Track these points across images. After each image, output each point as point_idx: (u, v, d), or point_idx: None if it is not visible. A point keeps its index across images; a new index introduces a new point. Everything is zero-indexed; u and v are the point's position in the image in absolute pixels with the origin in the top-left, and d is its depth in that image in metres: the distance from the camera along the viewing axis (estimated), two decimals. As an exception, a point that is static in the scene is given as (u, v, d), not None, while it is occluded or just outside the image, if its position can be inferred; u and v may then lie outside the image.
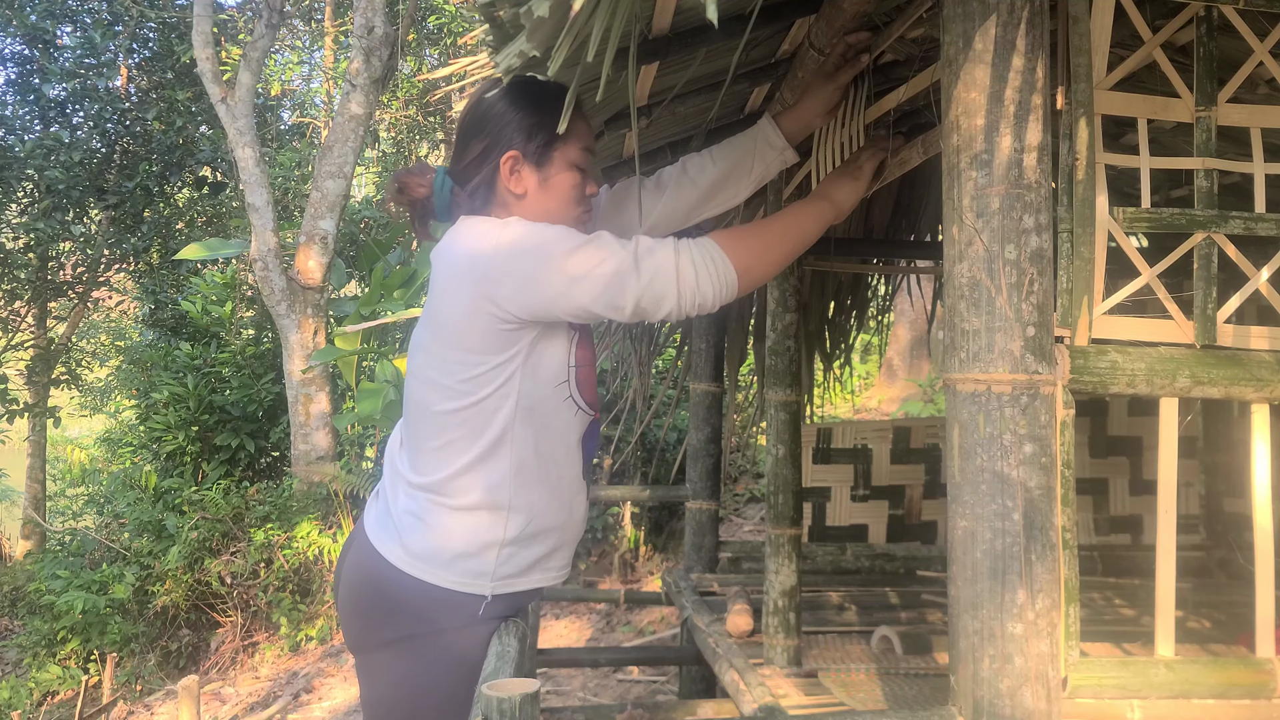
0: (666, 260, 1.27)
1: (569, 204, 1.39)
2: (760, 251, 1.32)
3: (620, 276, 1.25)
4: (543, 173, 1.37)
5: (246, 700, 5.23)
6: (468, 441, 1.33)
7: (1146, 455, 3.77)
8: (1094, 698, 1.29)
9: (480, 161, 1.38)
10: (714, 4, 0.86)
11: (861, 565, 3.65)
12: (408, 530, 1.36)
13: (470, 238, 1.32)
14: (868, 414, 9.25)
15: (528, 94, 1.36)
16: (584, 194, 1.41)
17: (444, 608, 1.33)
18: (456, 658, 1.33)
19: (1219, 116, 1.40)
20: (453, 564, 1.34)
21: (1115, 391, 1.32)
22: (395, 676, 1.35)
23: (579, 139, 1.39)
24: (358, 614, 1.39)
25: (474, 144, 1.39)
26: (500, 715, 1.06)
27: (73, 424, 14.25)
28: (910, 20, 1.72)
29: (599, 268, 1.24)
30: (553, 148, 1.37)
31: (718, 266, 1.28)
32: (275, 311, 6.35)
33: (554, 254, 1.25)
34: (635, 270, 1.25)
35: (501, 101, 1.37)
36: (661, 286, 1.26)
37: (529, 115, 1.36)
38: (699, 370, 3.82)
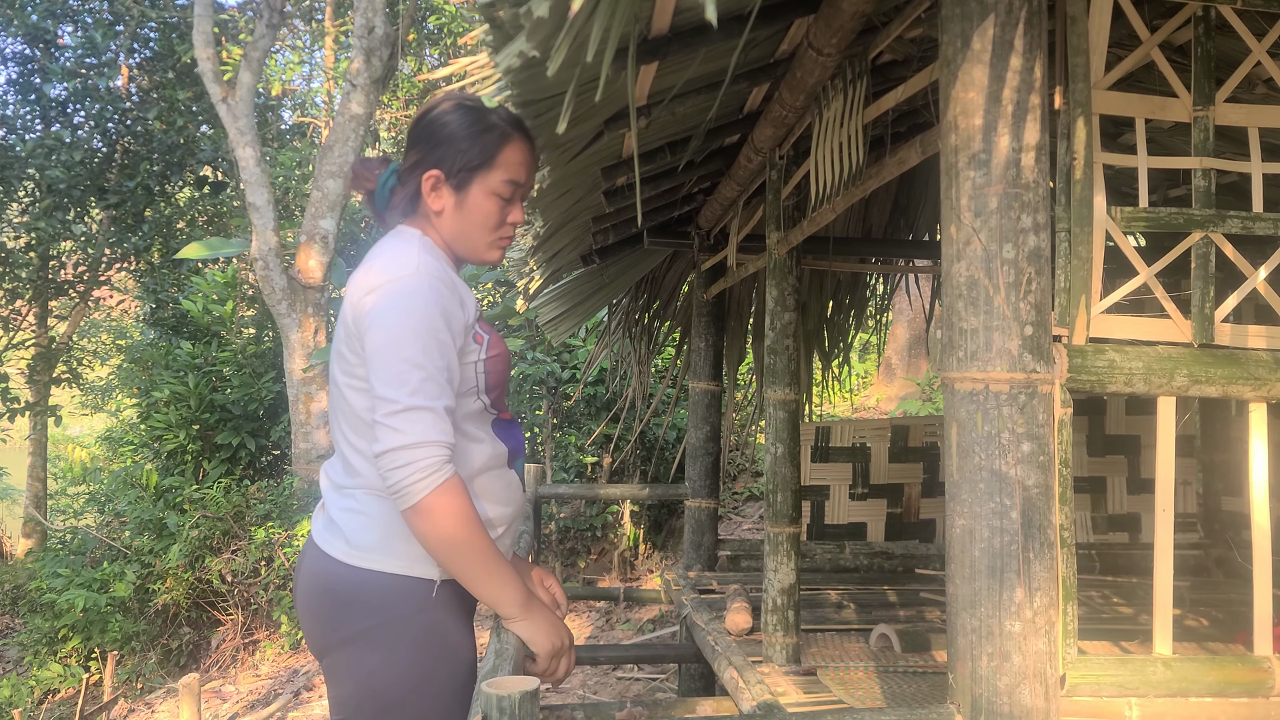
0: (416, 432, 1.27)
1: (481, 229, 1.44)
2: (442, 530, 1.28)
3: (396, 403, 1.27)
4: (459, 196, 1.42)
5: (247, 698, 5.23)
6: None
7: (1144, 454, 3.77)
8: (1092, 695, 1.29)
9: (411, 171, 1.45)
10: (713, 4, 0.86)
11: (860, 563, 3.66)
12: (349, 526, 1.39)
13: (371, 272, 1.37)
14: (866, 412, 9.25)
15: (469, 119, 1.42)
16: (500, 222, 1.45)
17: (394, 595, 1.35)
18: (415, 643, 1.35)
19: (1217, 116, 1.41)
20: (397, 549, 1.36)
21: (1113, 390, 1.33)
22: (358, 671, 1.35)
23: (505, 170, 1.42)
24: (315, 618, 1.41)
25: (412, 153, 1.45)
26: (500, 713, 1.07)
27: (74, 422, 14.26)
28: (908, 20, 1.73)
29: (400, 385, 1.28)
30: (474, 174, 1.41)
31: (416, 483, 1.26)
32: (276, 310, 6.35)
33: (397, 344, 1.29)
34: (395, 428, 1.27)
35: (444, 119, 1.43)
36: (389, 437, 1.27)
37: (461, 139, 1.41)
38: (698, 369, 3.82)
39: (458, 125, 1.42)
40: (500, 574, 1.33)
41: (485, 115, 1.43)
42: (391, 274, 1.33)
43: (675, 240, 3.67)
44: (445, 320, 1.32)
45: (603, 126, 2.11)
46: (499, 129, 1.43)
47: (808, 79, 1.95)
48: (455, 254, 1.48)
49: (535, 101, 1.77)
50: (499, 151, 1.42)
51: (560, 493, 4.10)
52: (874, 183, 1.86)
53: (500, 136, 1.42)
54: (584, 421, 7.05)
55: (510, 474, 1.47)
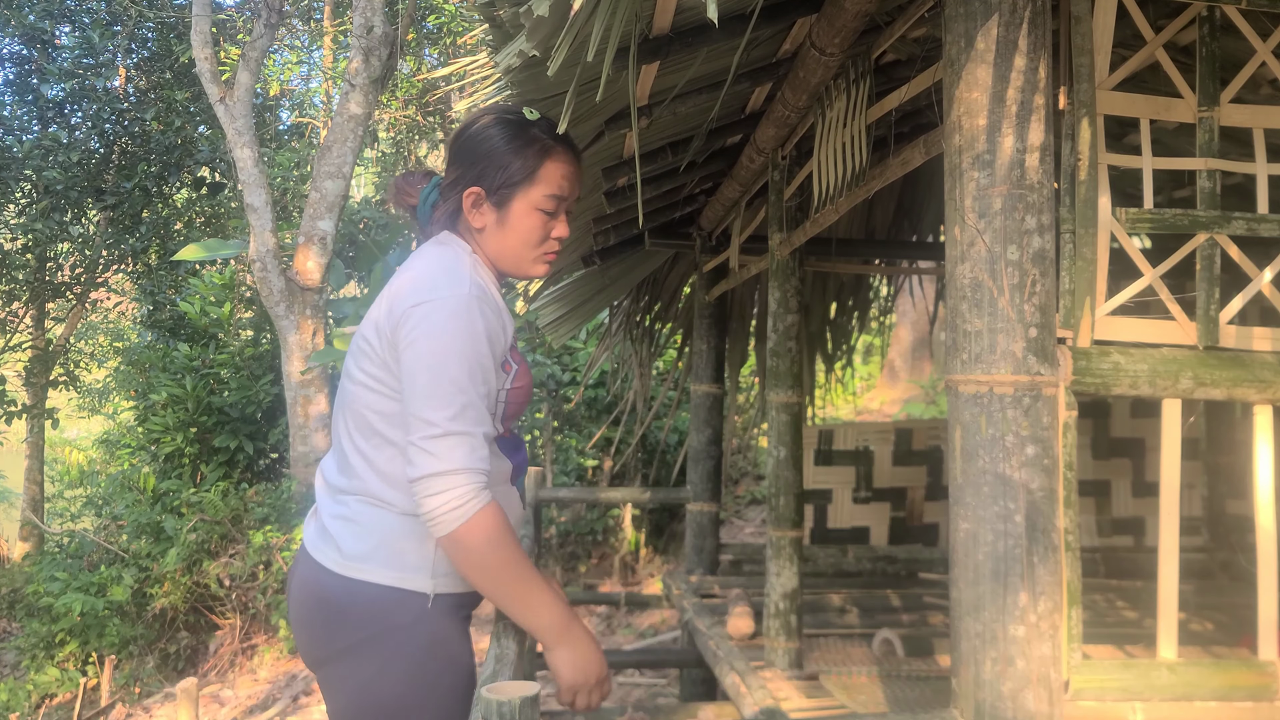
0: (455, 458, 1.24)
1: (525, 245, 1.42)
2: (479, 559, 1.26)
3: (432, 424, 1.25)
4: (501, 212, 1.40)
5: (245, 703, 5.22)
6: (399, 434, 1.33)
7: (1149, 457, 3.76)
8: (1096, 700, 1.28)
9: (452, 187, 1.43)
10: (714, 3, 0.85)
11: (863, 567, 3.65)
12: (342, 535, 1.36)
13: (419, 282, 1.34)
14: (869, 415, 9.24)
15: (509, 133, 1.40)
16: (544, 237, 1.43)
17: (389, 606, 1.33)
18: (413, 654, 1.32)
19: (1222, 117, 1.40)
20: (391, 560, 1.34)
21: (1118, 393, 1.31)
22: (355, 684, 1.33)
23: (547, 185, 1.40)
24: (308, 629, 1.38)
25: (453, 169, 1.44)
26: (500, 718, 1.06)
27: (71, 425, 14.24)
28: (912, 20, 1.72)
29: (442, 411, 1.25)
30: (515, 190, 1.39)
31: (452, 511, 1.24)
32: (274, 312, 6.34)
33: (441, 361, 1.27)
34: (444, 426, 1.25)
35: (484, 134, 1.41)
36: (426, 462, 1.25)
37: (502, 155, 1.39)
38: (700, 372, 3.81)
39: (498, 140, 1.39)
40: (537, 602, 1.30)
41: (526, 129, 1.40)
42: (442, 291, 1.30)
43: (677, 241, 3.66)
44: (490, 345, 1.30)
45: (603, 126, 2.11)
46: (540, 142, 1.40)
47: (810, 79, 1.94)
48: (499, 269, 1.45)
49: (535, 101, 1.76)
50: (541, 166, 1.39)
51: (561, 496, 4.09)
52: (877, 183, 1.85)
53: (541, 150, 1.39)
54: (585, 424, 7.04)
55: (511, 490, 1.45)
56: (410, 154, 11.57)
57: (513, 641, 1.43)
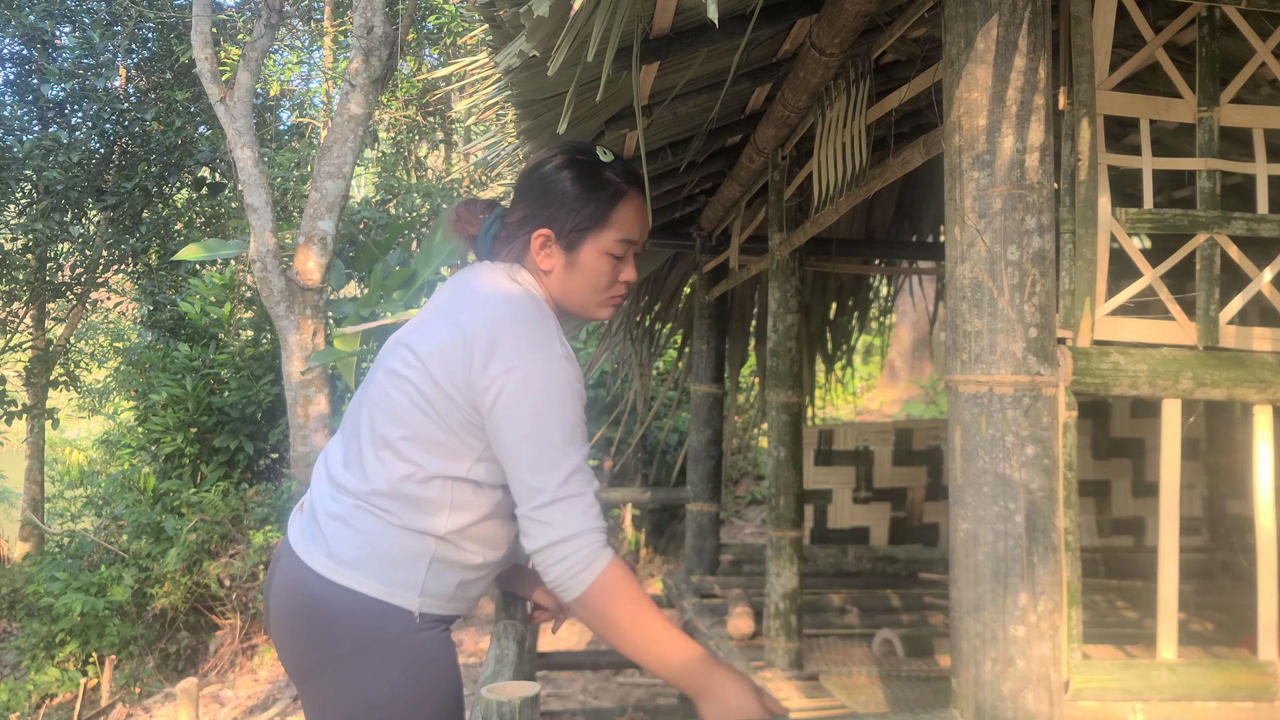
0: (569, 523, 1.24)
1: (592, 290, 1.40)
2: (611, 618, 1.25)
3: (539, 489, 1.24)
4: (570, 256, 1.38)
5: (245, 703, 5.22)
6: (420, 455, 1.31)
7: (1149, 457, 3.76)
8: (1096, 700, 1.28)
9: (519, 226, 1.40)
10: (714, 3, 0.86)
11: (863, 567, 3.64)
12: (334, 536, 1.33)
13: (504, 331, 1.29)
14: (869, 415, 9.24)
15: (584, 177, 1.37)
16: (612, 281, 1.40)
17: (375, 619, 1.30)
18: (400, 668, 1.30)
19: (1221, 117, 1.40)
20: (381, 573, 1.31)
21: (1118, 393, 1.31)
22: (338, 698, 1.31)
23: (619, 230, 1.37)
24: (292, 636, 1.35)
25: (520, 206, 1.41)
26: (500, 718, 1.06)
27: (71, 425, 14.24)
28: (912, 20, 1.72)
29: (550, 460, 1.24)
30: (586, 234, 1.37)
31: (575, 577, 1.24)
32: (274, 312, 6.34)
33: (544, 409, 1.25)
34: (555, 493, 1.24)
35: (555, 175, 1.38)
36: (541, 532, 1.25)
37: (574, 199, 1.36)
38: (700, 372, 3.81)
39: (570, 183, 1.37)
40: (672, 655, 1.25)
41: (599, 172, 1.37)
42: (536, 353, 1.27)
43: (677, 241, 3.66)
44: (582, 406, 1.30)
45: (603, 126, 2.11)
46: (613, 186, 1.37)
47: (810, 79, 1.94)
48: (561, 308, 1.43)
49: (535, 101, 1.77)
50: (613, 210, 1.37)
51: (560, 495, 4.08)
52: (877, 184, 1.85)
53: (614, 195, 1.37)
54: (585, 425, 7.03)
55: (512, 523, 1.42)
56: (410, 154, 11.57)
57: (513, 642, 1.43)
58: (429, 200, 9.17)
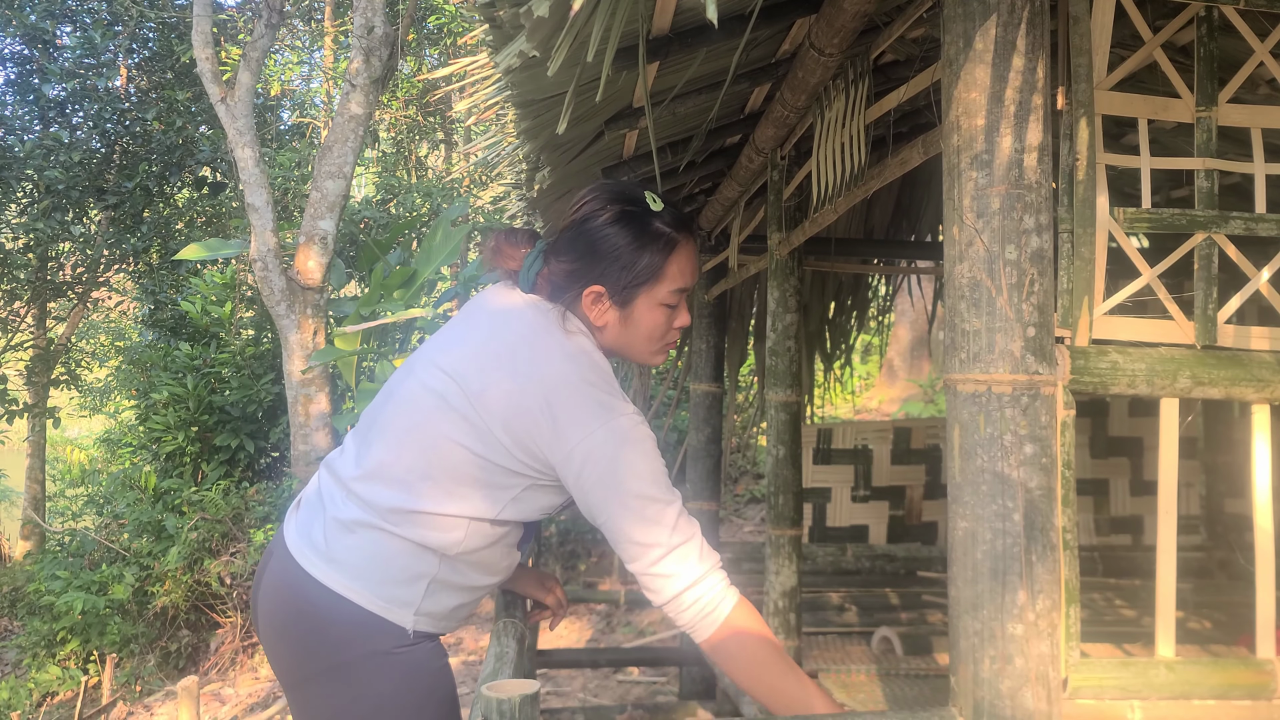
0: (689, 570, 1.25)
1: (649, 340, 1.38)
2: (744, 661, 1.25)
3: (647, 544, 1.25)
4: (625, 311, 1.36)
5: (246, 701, 5.23)
6: (455, 486, 1.29)
7: (1147, 456, 3.77)
8: (1094, 699, 1.29)
9: (568, 278, 1.36)
10: (714, 4, 0.86)
11: (862, 566, 3.65)
12: (337, 542, 1.31)
13: (573, 394, 1.27)
14: (868, 414, 9.25)
15: (633, 231, 1.34)
16: (667, 329, 1.39)
17: (369, 631, 1.29)
18: (390, 683, 1.30)
19: (1219, 117, 1.40)
20: (380, 587, 1.29)
21: (1116, 392, 1.32)
22: (329, 710, 1.30)
23: (673, 281, 1.35)
24: (284, 641, 1.33)
25: (568, 258, 1.36)
26: (500, 716, 1.06)
27: (72, 424, 14.25)
28: (910, 20, 1.72)
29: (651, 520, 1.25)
30: (640, 290, 1.34)
31: (705, 621, 1.24)
32: (275, 312, 6.34)
33: (629, 476, 1.25)
34: (667, 543, 1.25)
35: (604, 231, 1.34)
36: (665, 586, 1.25)
37: (626, 255, 1.33)
38: (699, 371, 3.82)
39: (621, 240, 1.33)
40: (801, 701, 1.24)
41: (649, 224, 1.34)
42: (612, 416, 1.25)
43: (675, 241, 3.66)
44: (658, 452, 1.30)
45: (603, 126, 2.11)
46: (665, 237, 1.34)
47: (809, 79, 1.95)
48: (617, 355, 1.42)
49: (535, 101, 1.77)
50: (666, 263, 1.34)
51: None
52: (876, 183, 1.86)
53: (667, 246, 1.34)
54: (584, 423, 7.03)
55: (514, 553, 1.42)
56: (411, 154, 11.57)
57: (513, 640, 1.44)
58: (429, 200, 9.17)
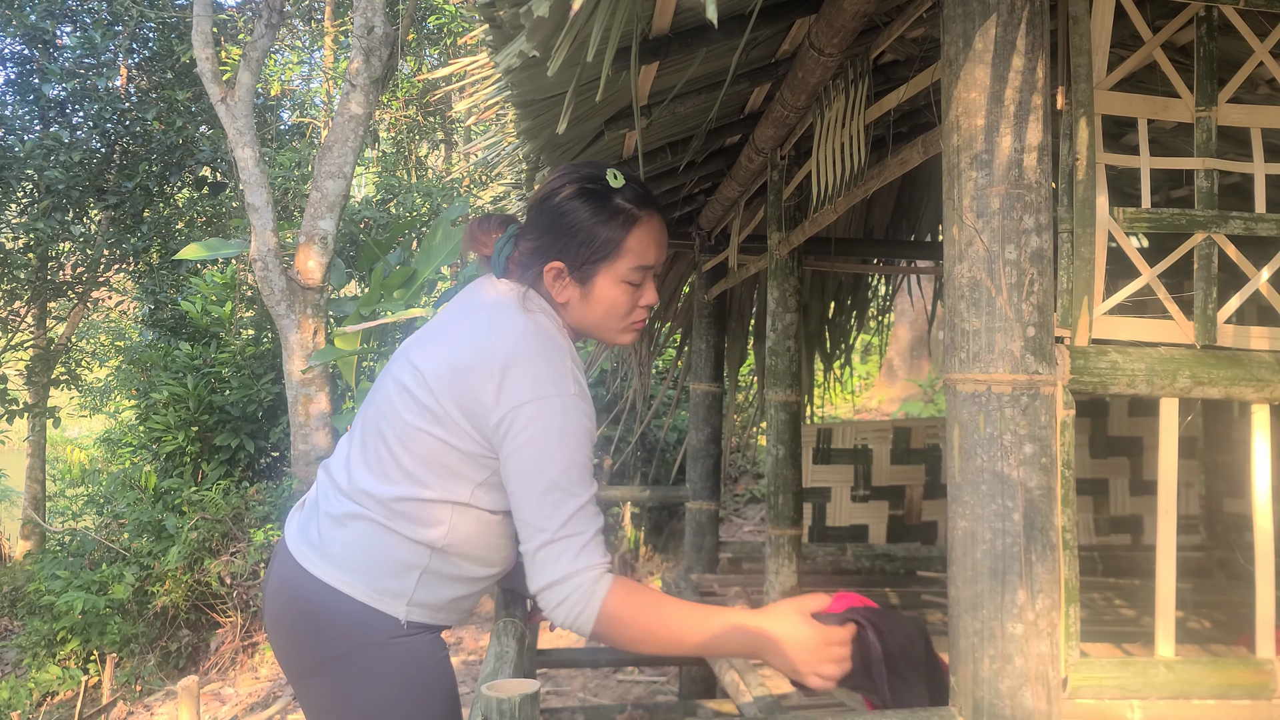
0: (563, 565, 1.23)
1: (610, 318, 1.38)
2: (632, 638, 1.25)
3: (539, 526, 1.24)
4: (585, 288, 1.36)
5: (246, 700, 5.23)
6: (425, 475, 1.31)
7: (1147, 455, 3.77)
8: (1094, 698, 1.29)
9: (532, 255, 1.38)
10: (714, 4, 0.86)
11: (862, 565, 3.65)
12: (330, 536, 1.34)
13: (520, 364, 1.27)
14: (868, 414, 9.25)
15: (592, 207, 1.34)
16: (631, 308, 1.38)
17: (363, 623, 1.31)
18: (385, 674, 1.31)
19: (1219, 116, 1.40)
20: (372, 579, 1.32)
21: (1115, 392, 1.32)
22: (328, 700, 1.32)
23: (634, 257, 1.35)
24: (285, 635, 1.36)
25: (532, 235, 1.38)
26: (500, 716, 1.06)
27: (72, 424, 14.25)
28: (910, 20, 1.72)
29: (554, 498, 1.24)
30: (599, 266, 1.34)
31: (579, 618, 1.24)
32: (275, 311, 6.34)
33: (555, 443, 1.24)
34: (554, 533, 1.24)
35: (565, 206, 1.35)
36: (539, 574, 1.24)
37: (586, 230, 1.33)
38: (699, 370, 3.82)
39: (581, 215, 1.33)
40: (709, 642, 1.25)
41: (609, 200, 1.34)
42: (547, 390, 1.25)
43: (676, 241, 3.67)
44: (592, 445, 1.29)
45: (603, 126, 2.11)
46: (624, 214, 1.34)
47: (809, 79, 1.95)
48: (583, 334, 1.42)
49: (535, 101, 1.77)
50: (626, 238, 1.34)
51: (560, 494, 4.08)
52: (876, 183, 1.86)
53: (626, 222, 1.34)
54: (584, 423, 7.03)
55: (510, 544, 1.42)
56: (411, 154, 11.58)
57: (513, 640, 1.44)
58: (429, 200, 9.18)
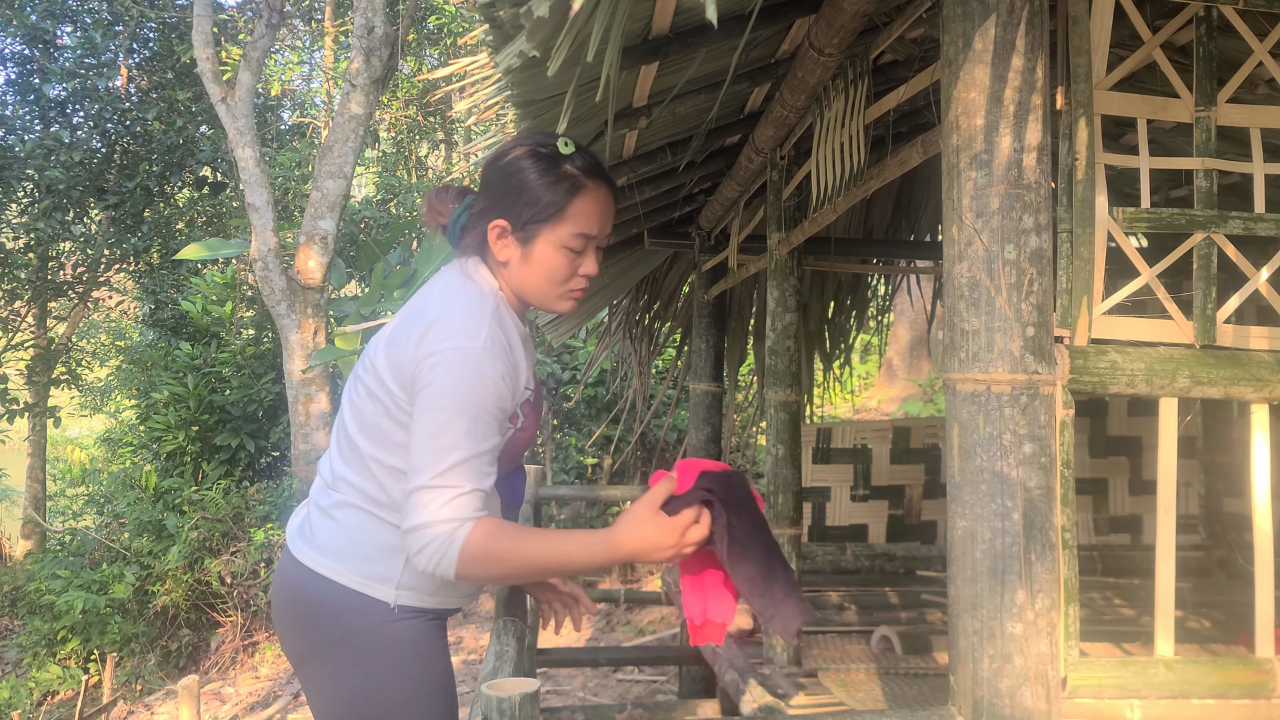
0: (428, 512, 1.23)
1: (549, 282, 1.38)
2: (494, 574, 1.27)
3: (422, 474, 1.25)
4: (526, 249, 1.36)
5: (246, 700, 5.23)
6: (384, 455, 1.34)
7: (1146, 455, 3.77)
8: (1093, 697, 1.29)
9: (480, 216, 1.40)
10: (714, 4, 0.86)
11: (861, 565, 3.65)
12: (320, 529, 1.39)
13: (438, 322, 1.31)
14: (867, 414, 9.25)
15: (543, 168, 1.35)
16: (569, 274, 1.38)
17: (353, 608, 1.34)
18: (376, 658, 1.34)
19: (1218, 116, 1.41)
20: (360, 565, 1.35)
21: (1115, 391, 1.32)
22: (325, 683, 1.36)
23: (576, 223, 1.35)
24: (285, 624, 1.41)
25: (483, 196, 1.40)
26: (500, 715, 1.07)
27: (73, 424, 14.26)
28: (910, 20, 1.73)
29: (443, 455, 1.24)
30: (541, 227, 1.35)
31: (440, 563, 1.24)
32: (275, 311, 6.35)
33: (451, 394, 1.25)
34: (414, 504, 1.24)
35: (514, 166, 1.36)
36: (407, 515, 1.25)
37: (531, 190, 1.34)
38: (699, 370, 3.82)
39: (528, 174, 1.35)
40: (568, 559, 1.27)
41: (559, 163, 1.35)
42: (457, 341, 1.27)
43: (676, 241, 3.67)
44: (495, 402, 1.29)
45: (603, 126, 2.11)
46: (571, 179, 1.35)
47: (809, 79, 1.95)
48: (524, 300, 1.43)
49: (535, 101, 1.77)
50: (570, 203, 1.34)
51: (560, 494, 4.10)
52: (875, 183, 1.86)
53: (572, 187, 1.34)
54: (584, 423, 7.05)
55: (498, 517, 1.43)
56: (411, 154, 11.58)
57: (513, 639, 1.44)
58: (429, 199, 9.16)
